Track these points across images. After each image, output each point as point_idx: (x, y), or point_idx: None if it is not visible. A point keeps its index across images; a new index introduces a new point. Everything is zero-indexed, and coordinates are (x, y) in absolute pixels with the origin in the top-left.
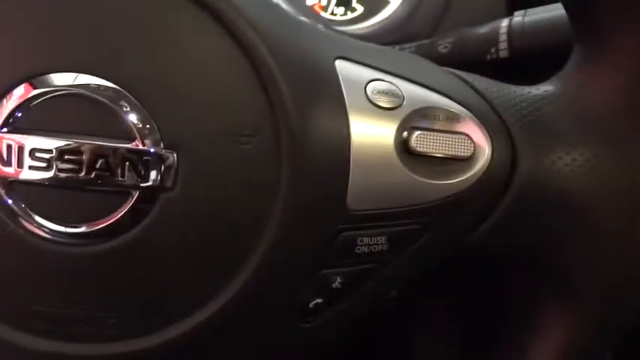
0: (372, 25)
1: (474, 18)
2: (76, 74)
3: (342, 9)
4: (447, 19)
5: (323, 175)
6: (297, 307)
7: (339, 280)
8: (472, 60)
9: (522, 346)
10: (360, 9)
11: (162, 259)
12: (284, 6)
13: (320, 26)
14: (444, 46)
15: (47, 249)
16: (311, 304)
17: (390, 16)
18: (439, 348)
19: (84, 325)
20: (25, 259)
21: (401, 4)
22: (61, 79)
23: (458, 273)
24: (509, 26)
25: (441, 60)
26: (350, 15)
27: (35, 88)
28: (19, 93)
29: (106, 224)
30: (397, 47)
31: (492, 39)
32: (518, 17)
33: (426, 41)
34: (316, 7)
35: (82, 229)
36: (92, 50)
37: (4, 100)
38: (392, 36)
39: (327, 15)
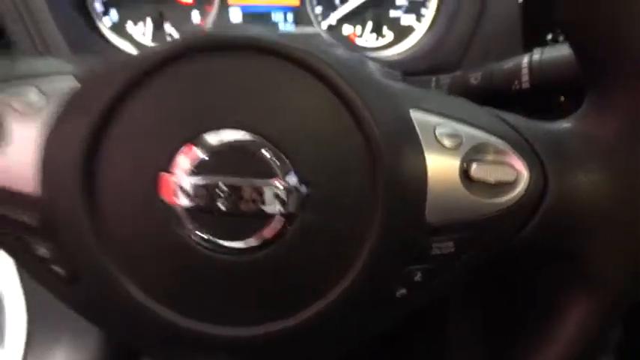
0: (402, 52)
1: (495, 50)
2: (230, 130)
3: (374, 35)
4: (471, 52)
5: (407, 199)
6: (388, 297)
7: (419, 274)
8: (499, 90)
9: (549, 328)
10: (389, 35)
11: (294, 266)
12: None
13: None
14: (474, 78)
15: (213, 258)
16: (397, 294)
17: (417, 43)
18: (476, 334)
19: (237, 312)
20: (196, 265)
21: (426, 32)
22: (220, 136)
23: (497, 270)
24: (530, 62)
25: (472, 90)
26: (381, 42)
27: (199, 145)
28: (189, 150)
29: (256, 241)
30: (434, 78)
31: (516, 73)
32: (537, 55)
33: (458, 73)
34: (351, 36)
35: (242, 245)
36: (239, 112)
37: (179, 155)
38: (422, 64)
39: (361, 42)
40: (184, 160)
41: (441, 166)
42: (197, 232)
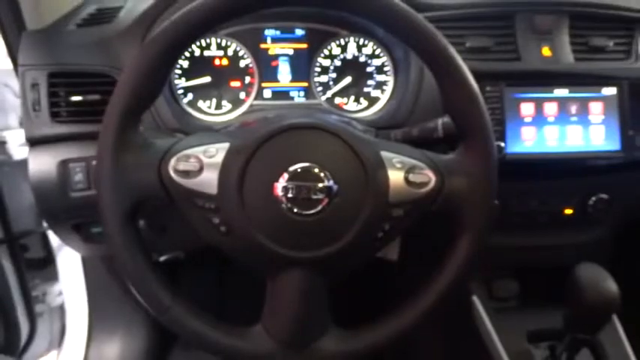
0: (374, 113)
1: (427, 113)
2: (304, 163)
3: (355, 104)
4: (415, 114)
5: (380, 192)
6: (375, 238)
7: (387, 226)
8: (427, 137)
9: (452, 256)
10: (364, 103)
11: (333, 222)
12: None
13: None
14: (414, 131)
15: (294, 219)
16: (378, 235)
17: (381, 108)
18: (414, 269)
19: (307, 244)
20: (289, 223)
21: (387, 102)
22: (296, 166)
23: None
24: (442, 123)
25: (414, 138)
26: (359, 107)
27: (289, 172)
28: (285, 171)
29: (316, 209)
30: (392, 132)
31: (435, 128)
32: (446, 119)
33: (406, 129)
34: (341, 104)
35: (309, 212)
36: (307, 155)
37: (282, 174)
38: (389, 121)
39: (347, 108)
40: (283, 176)
41: (395, 176)
42: (289, 207)
